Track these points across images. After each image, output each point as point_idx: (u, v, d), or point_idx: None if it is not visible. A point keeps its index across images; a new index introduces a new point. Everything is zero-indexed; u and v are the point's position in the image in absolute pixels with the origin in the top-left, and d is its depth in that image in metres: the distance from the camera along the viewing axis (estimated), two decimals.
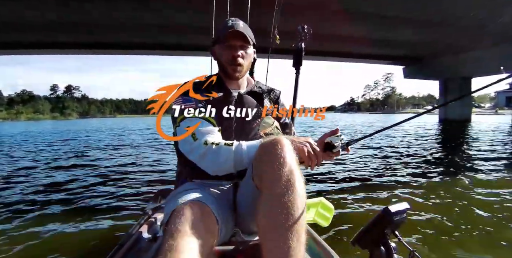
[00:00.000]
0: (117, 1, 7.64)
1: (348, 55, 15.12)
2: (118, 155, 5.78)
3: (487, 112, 38.38)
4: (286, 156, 0.62)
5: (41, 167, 4.64)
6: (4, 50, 11.94)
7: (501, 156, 4.83)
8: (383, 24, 9.70)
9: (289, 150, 0.64)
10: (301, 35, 1.43)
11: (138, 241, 1.02)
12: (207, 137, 0.79)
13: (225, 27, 0.89)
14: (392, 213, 0.66)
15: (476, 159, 4.60)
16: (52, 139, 11.05)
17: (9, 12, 7.85)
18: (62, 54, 14.51)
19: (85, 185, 3.17)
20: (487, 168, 3.87)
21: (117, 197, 2.65)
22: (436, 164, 4.33)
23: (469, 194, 2.67)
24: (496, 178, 3.28)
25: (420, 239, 1.70)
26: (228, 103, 0.87)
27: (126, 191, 2.88)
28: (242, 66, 0.90)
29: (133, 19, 8.92)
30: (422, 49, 14.20)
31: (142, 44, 12.16)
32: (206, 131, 0.80)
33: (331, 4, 7.83)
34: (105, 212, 2.23)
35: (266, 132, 0.90)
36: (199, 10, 6.71)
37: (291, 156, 0.63)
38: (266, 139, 0.72)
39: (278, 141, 0.65)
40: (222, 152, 0.75)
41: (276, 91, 1.02)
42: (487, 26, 9.90)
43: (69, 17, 8.36)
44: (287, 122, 1.03)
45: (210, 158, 0.76)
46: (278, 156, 0.62)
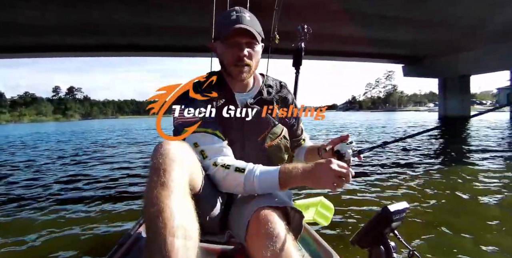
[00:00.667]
0: (117, 4, 7.71)
1: (348, 55, 15.18)
2: (118, 154, 5.80)
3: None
4: (279, 233, 0.59)
5: (41, 166, 4.67)
6: (11, 54, 12.04)
7: (497, 155, 4.80)
8: (383, 24, 9.76)
9: (281, 227, 0.61)
10: (301, 35, 1.43)
11: (138, 241, 1.02)
12: (218, 156, 0.74)
13: (228, 20, 0.77)
14: (392, 213, 0.66)
15: (477, 157, 4.57)
16: (53, 139, 11.12)
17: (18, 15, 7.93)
18: (66, 57, 14.59)
19: (84, 185, 3.18)
20: (487, 165, 3.85)
21: (116, 197, 2.66)
22: (436, 163, 4.31)
23: (469, 194, 2.66)
24: (495, 177, 3.26)
25: (419, 238, 1.69)
26: (234, 115, 0.79)
27: (125, 191, 2.88)
28: (250, 67, 0.79)
29: (134, 21, 9.03)
30: (421, 49, 14.30)
31: (145, 46, 12.19)
32: (216, 149, 0.75)
33: (331, 4, 7.84)
34: (105, 212, 2.23)
35: (272, 145, 0.85)
36: (199, 11, 6.71)
37: (283, 232, 0.60)
38: (277, 170, 0.68)
39: (268, 219, 0.61)
40: (232, 178, 0.71)
41: (284, 90, 0.93)
42: (486, 26, 10.01)
43: (69, 17, 8.39)
44: (294, 123, 0.95)
45: (219, 180, 0.73)
46: (270, 235, 0.59)
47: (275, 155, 0.86)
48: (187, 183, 0.58)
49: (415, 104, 73.48)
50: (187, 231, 0.50)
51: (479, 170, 3.59)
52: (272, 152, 0.85)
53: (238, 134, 0.82)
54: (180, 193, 0.54)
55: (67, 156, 6.16)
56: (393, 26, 10.02)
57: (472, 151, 5.24)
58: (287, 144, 0.89)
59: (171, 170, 0.55)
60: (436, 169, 3.80)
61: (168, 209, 0.50)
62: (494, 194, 2.59)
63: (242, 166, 0.72)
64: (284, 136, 0.88)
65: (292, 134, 0.94)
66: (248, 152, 0.83)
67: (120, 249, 0.94)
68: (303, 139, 1.01)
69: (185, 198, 0.55)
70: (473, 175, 3.31)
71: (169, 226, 0.48)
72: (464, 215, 2.09)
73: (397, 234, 0.69)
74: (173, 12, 8.21)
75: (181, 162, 0.58)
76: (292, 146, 0.95)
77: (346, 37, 11.03)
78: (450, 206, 2.28)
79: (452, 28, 10.29)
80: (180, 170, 0.57)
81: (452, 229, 1.82)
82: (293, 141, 0.95)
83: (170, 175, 0.54)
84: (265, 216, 0.61)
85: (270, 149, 0.85)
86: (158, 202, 0.51)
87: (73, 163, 4.99)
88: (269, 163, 0.78)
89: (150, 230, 0.49)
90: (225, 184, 0.73)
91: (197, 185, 0.67)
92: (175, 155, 0.58)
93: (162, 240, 0.47)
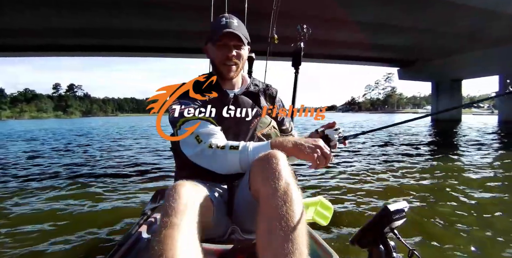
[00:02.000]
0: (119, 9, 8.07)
1: (347, 58, 16.27)
2: (117, 154, 5.77)
3: (484, 112, 40.19)
4: (281, 169, 0.63)
5: (41, 163, 4.66)
6: (14, 53, 12.68)
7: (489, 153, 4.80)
8: (382, 32, 10.51)
9: (284, 164, 0.65)
10: (301, 35, 1.43)
11: (137, 241, 1.01)
12: (212, 138, 0.79)
13: (218, 25, 0.87)
14: (391, 212, 0.66)
15: (478, 158, 4.57)
16: (55, 136, 11.13)
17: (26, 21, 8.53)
18: (68, 56, 14.96)
19: (83, 185, 3.15)
20: (487, 166, 3.86)
21: (115, 197, 2.63)
22: (436, 163, 4.31)
23: (469, 193, 2.67)
24: (495, 177, 3.28)
25: (419, 238, 1.69)
26: (225, 104, 0.87)
27: (124, 191, 2.86)
28: (237, 66, 0.89)
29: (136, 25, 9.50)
30: (415, 53, 15.19)
31: (147, 47, 12.87)
32: (209, 132, 0.80)
33: (329, 12, 8.33)
34: (104, 212, 2.21)
35: (263, 132, 0.90)
36: (197, 17, 7.02)
37: (286, 169, 0.64)
38: (268, 142, 0.74)
39: (273, 156, 0.65)
40: (229, 156, 0.76)
41: (273, 89, 1.01)
42: (476, 34, 10.69)
43: (71, 22, 8.90)
44: (284, 118, 1.03)
45: (217, 161, 0.77)
46: (273, 171, 0.62)
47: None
48: (196, 224, 0.60)
49: (414, 106, 73.52)
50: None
51: (479, 171, 3.59)
52: (264, 140, 0.90)
53: (231, 123, 0.87)
54: (188, 234, 0.56)
55: (62, 155, 6.14)
56: (390, 33, 10.72)
57: (473, 151, 5.26)
58: (278, 133, 0.96)
59: (182, 213, 0.58)
60: (436, 169, 3.81)
61: (173, 248, 0.51)
62: (494, 194, 2.60)
63: (236, 144, 0.78)
64: (273, 126, 0.95)
65: (281, 128, 1.02)
66: (241, 139, 0.87)
67: (120, 250, 0.93)
68: (292, 135, 1.07)
69: (192, 239, 0.56)
70: (474, 175, 3.31)
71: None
72: (466, 216, 2.09)
73: (397, 234, 0.69)
74: (176, 18, 8.91)
75: (193, 205, 0.61)
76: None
77: (342, 42, 11.80)
78: (451, 205, 2.28)
79: (444, 35, 10.98)
80: (191, 214, 0.59)
81: (453, 229, 1.83)
82: (282, 135, 1.01)
83: (180, 219, 0.56)
84: (267, 154, 0.66)
85: (262, 137, 0.90)
86: (165, 241, 0.52)
87: (71, 162, 4.97)
88: None
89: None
90: (222, 164, 0.78)
91: (208, 224, 0.69)
92: (187, 199, 0.61)
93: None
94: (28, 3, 7.40)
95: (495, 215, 2.06)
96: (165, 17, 8.80)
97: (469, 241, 1.66)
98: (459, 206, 2.26)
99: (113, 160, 5.01)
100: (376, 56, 15.74)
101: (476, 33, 10.64)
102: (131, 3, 7.78)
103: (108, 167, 4.34)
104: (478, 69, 14.71)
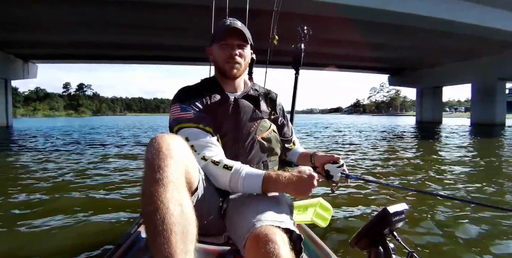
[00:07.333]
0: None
1: (348, 67, 20.40)
2: (117, 154, 5.76)
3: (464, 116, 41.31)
4: (279, 253, 0.55)
5: (40, 163, 4.62)
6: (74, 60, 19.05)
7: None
8: (381, 49, 14.01)
9: (284, 248, 0.57)
10: (301, 36, 1.42)
11: (136, 241, 1.02)
12: (206, 151, 0.77)
13: (222, 26, 0.88)
14: (391, 214, 0.65)
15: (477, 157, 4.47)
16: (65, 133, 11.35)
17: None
18: (108, 63, 22.22)
19: (82, 185, 3.11)
20: (487, 166, 3.77)
21: (115, 197, 2.60)
22: (436, 163, 4.27)
23: (469, 192, 2.64)
24: (496, 177, 3.25)
25: (418, 240, 1.67)
26: (226, 107, 0.86)
27: (124, 191, 2.84)
28: (240, 65, 0.88)
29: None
30: (403, 64, 19.34)
31: (156, 56, 16.95)
32: (205, 144, 0.78)
33: (341, 35, 11.04)
34: (103, 212, 2.18)
35: (264, 136, 0.89)
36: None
37: (286, 252, 0.57)
38: (262, 174, 0.72)
39: (270, 239, 0.57)
40: (220, 174, 0.75)
41: (273, 93, 1.01)
42: (453, 49, 13.99)
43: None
44: (284, 123, 1.01)
45: (208, 174, 0.76)
46: (271, 255, 0.55)
47: (267, 147, 0.90)
48: (182, 177, 0.58)
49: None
50: (184, 227, 0.51)
51: (479, 171, 3.58)
52: (264, 144, 0.89)
53: (231, 126, 0.86)
54: (175, 188, 0.54)
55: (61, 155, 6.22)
56: (384, 50, 14.22)
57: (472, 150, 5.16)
58: (278, 137, 0.95)
59: (165, 165, 0.55)
60: (436, 169, 3.77)
61: (164, 206, 0.50)
62: (494, 193, 2.57)
63: (230, 164, 0.75)
64: (273, 130, 0.94)
65: (281, 132, 1.00)
66: (241, 143, 0.86)
67: (119, 249, 0.93)
68: (293, 142, 1.06)
69: (181, 193, 0.55)
70: (473, 176, 3.31)
71: (166, 223, 0.49)
72: (465, 215, 2.06)
73: (396, 235, 0.68)
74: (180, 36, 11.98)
75: (175, 157, 0.58)
76: (283, 146, 1.00)
77: (344, 55, 15.37)
78: (450, 206, 2.24)
79: (424, 51, 14.42)
80: (174, 165, 0.57)
81: (452, 231, 1.79)
82: (283, 141, 1.00)
83: (164, 171, 0.54)
84: (266, 235, 0.58)
85: (262, 141, 0.89)
86: (154, 199, 0.51)
87: (71, 162, 4.94)
88: (262, 152, 0.88)
89: (149, 229, 0.50)
90: (212, 178, 0.76)
91: (194, 178, 0.67)
92: (169, 149, 0.58)
93: (161, 238, 0.48)
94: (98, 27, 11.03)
95: (498, 216, 2.02)
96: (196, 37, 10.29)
97: (468, 244, 1.63)
98: (460, 207, 2.21)
99: (114, 160, 5.00)
100: (371, 66, 19.73)
101: (446, 50, 14.04)
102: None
103: (108, 166, 4.34)
104: (455, 78, 18.51)
